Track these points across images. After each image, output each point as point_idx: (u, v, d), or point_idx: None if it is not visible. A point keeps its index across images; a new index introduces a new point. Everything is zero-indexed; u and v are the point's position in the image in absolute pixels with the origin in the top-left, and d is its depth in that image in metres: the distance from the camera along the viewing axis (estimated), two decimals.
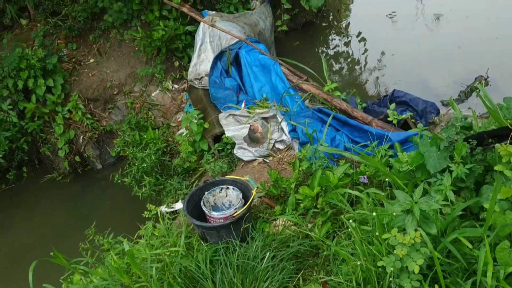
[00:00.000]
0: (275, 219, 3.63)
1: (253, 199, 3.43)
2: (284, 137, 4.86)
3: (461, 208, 2.32)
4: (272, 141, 4.89)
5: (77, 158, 6.42)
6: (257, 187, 3.73)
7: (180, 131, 5.98)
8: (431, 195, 2.48)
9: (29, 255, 2.97)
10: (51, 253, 2.93)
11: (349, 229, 3.00)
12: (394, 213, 2.34)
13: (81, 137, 6.41)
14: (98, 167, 6.60)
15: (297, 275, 2.98)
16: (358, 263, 2.45)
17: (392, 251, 2.26)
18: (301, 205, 3.48)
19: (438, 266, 2.00)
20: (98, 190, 6.35)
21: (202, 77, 5.94)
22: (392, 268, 2.17)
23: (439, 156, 2.75)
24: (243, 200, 3.52)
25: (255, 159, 4.76)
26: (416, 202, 2.19)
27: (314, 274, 2.99)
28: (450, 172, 2.60)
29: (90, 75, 6.60)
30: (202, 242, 3.35)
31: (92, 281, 3.00)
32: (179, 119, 6.22)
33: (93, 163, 6.59)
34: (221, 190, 3.73)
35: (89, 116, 6.37)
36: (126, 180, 5.08)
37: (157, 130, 5.96)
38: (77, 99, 6.31)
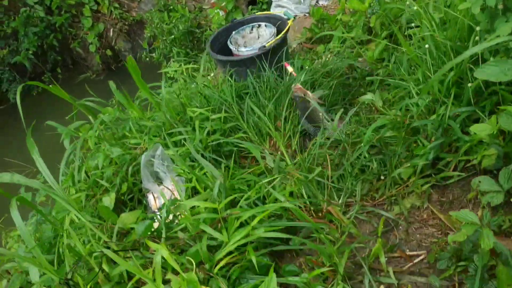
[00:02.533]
0: (317, 57, 2.99)
1: (289, 27, 2.78)
2: None
3: None
4: None
5: (109, 52, 6.03)
6: (294, 16, 3.07)
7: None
8: None
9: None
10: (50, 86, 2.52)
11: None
12: None
13: (111, 29, 5.97)
14: None
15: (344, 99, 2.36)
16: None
17: None
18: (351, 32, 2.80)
19: None
20: (133, 86, 5.95)
21: None
22: None
23: None
24: None
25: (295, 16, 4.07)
26: None
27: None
28: None
29: None
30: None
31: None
32: (212, 0, 5.57)
33: (125, 57, 6.17)
34: (252, 29, 3.11)
35: (117, 5, 5.88)
36: (154, 55, 4.58)
37: (187, 9, 5.36)
38: None
